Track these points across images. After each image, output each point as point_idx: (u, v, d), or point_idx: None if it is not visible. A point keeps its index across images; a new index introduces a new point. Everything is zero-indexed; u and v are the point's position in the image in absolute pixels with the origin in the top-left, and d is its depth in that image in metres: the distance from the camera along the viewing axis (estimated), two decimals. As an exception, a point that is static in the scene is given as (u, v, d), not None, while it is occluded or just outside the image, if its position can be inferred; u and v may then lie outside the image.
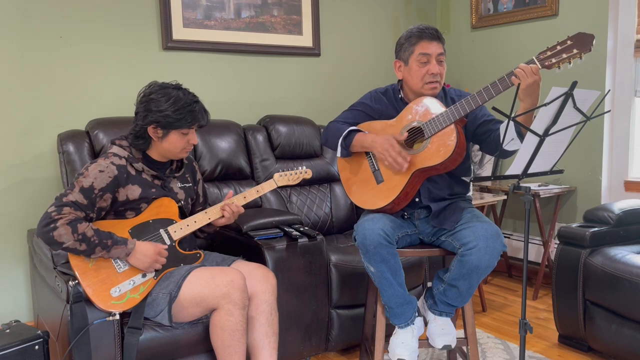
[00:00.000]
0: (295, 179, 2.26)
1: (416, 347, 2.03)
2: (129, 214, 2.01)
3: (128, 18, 2.94)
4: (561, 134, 1.74)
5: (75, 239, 1.82)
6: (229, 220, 2.16)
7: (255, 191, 2.19)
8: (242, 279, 1.96)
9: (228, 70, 3.28)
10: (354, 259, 2.53)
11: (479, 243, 1.88)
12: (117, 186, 1.95)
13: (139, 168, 2.02)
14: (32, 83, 2.71)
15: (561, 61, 1.78)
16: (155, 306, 1.96)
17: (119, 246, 1.89)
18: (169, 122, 1.97)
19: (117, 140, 2.07)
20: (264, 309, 2.05)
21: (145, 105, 1.99)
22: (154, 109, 1.96)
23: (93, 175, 1.92)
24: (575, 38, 1.77)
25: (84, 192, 1.89)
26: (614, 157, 3.32)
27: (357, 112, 2.20)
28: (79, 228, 1.83)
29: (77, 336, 1.85)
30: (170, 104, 1.96)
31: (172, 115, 1.96)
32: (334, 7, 3.67)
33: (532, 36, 3.59)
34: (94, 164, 1.96)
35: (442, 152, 1.94)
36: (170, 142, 2.02)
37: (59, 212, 1.83)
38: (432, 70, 2.03)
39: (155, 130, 1.99)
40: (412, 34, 2.08)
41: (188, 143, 2.05)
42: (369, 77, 3.83)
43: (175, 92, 1.99)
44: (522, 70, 1.78)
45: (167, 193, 2.08)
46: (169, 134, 2.00)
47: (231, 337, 1.93)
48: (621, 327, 2.35)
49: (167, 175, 2.11)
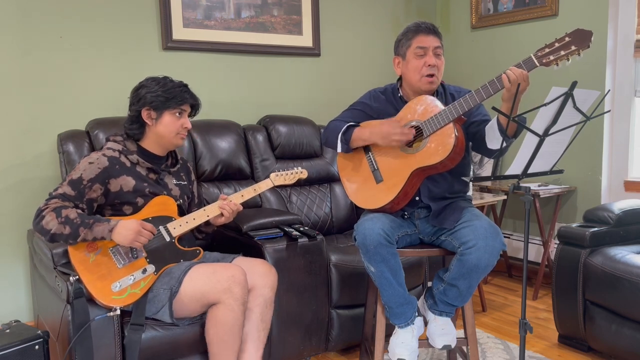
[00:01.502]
0: (291, 178, 2.29)
1: (416, 347, 2.03)
2: (127, 209, 2.03)
3: (128, 18, 2.94)
4: (561, 134, 1.74)
5: (59, 222, 1.86)
6: (228, 219, 2.17)
7: (252, 190, 2.22)
8: (242, 275, 1.97)
9: (228, 70, 3.28)
10: (354, 259, 2.53)
11: (478, 242, 1.88)
12: (107, 177, 1.99)
13: (134, 160, 2.05)
14: (32, 83, 2.71)
15: (559, 58, 1.77)
16: (157, 302, 1.96)
17: (101, 223, 1.90)
18: (161, 102, 2.04)
19: (111, 136, 2.13)
20: (259, 302, 2.06)
21: (137, 92, 2.08)
22: (145, 92, 2.05)
23: (82, 168, 1.98)
24: (573, 35, 1.76)
25: (72, 184, 1.94)
26: (614, 157, 3.32)
27: (356, 112, 2.20)
28: (63, 212, 1.88)
29: (78, 332, 1.85)
30: (160, 86, 2.06)
31: (162, 94, 2.04)
32: (334, 8, 3.67)
33: (532, 36, 3.59)
34: (86, 157, 2.04)
35: (440, 150, 1.94)
36: (164, 124, 2.06)
37: (46, 204, 1.91)
38: (429, 62, 2.04)
39: (148, 113, 2.05)
40: (409, 29, 2.11)
41: (182, 127, 2.09)
42: (369, 77, 3.83)
43: (164, 80, 2.09)
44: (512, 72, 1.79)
45: (161, 188, 2.10)
46: (162, 115, 2.06)
47: (229, 332, 1.94)
48: (621, 327, 2.35)
49: (162, 169, 2.14)
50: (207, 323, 1.97)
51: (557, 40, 1.78)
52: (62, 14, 2.76)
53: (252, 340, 2.05)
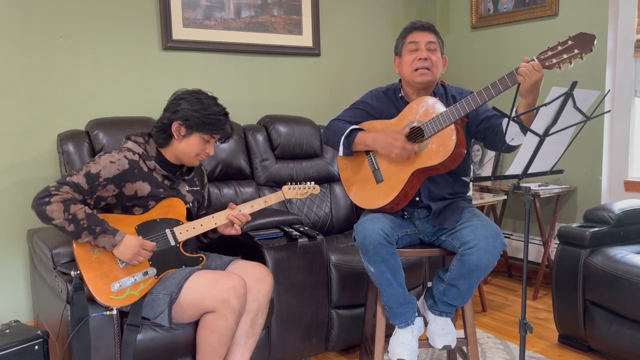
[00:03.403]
0: (303, 193, 2.24)
1: (416, 347, 2.03)
2: (137, 210, 2.02)
3: (128, 18, 2.93)
4: (561, 134, 1.74)
5: (65, 218, 1.84)
6: (238, 231, 2.15)
7: (262, 201, 2.18)
8: (243, 287, 1.95)
9: (228, 70, 3.27)
10: (354, 259, 2.53)
11: (479, 242, 1.88)
12: (124, 180, 1.96)
13: (151, 166, 2.03)
14: (32, 83, 2.71)
15: (562, 61, 1.77)
16: (156, 307, 1.96)
17: (106, 235, 1.89)
18: (196, 123, 1.99)
19: (132, 135, 2.08)
20: (252, 308, 2.05)
21: (177, 102, 2.02)
22: (186, 106, 1.99)
23: (103, 164, 1.94)
24: (576, 38, 1.76)
25: (87, 177, 1.91)
26: (614, 157, 3.32)
27: (358, 111, 2.20)
28: (72, 208, 1.85)
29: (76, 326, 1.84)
30: (202, 107, 2.00)
31: (200, 117, 1.99)
32: (334, 7, 3.67)
33: (532, 36, 3.58)
34: (108, 154, 1.98)
35: (441, 152, 1.94)
36: (189, 144, 2.02)
37: (57, 189, 1.86)
38: (420, 56, 2.05)
39: (179, 128, 2.00)
40: (405, 28, 2.15)
41: (204, 151, 2.05)
42: (369, 77, 3.83)
43: (208, 101, 2.03)
44: (525, 69, 1.78)
45: (175, 194, 2.09)
46: (192, 135, 2.01)
47: (218, 340, 1.94)
48: (621, 327, 2.35)
49: (177, 177, 2.12)
50: (199, 326, 1.97)
51: (560, 43, 1.78)
52: (62, 14, 2.76)
53: (240, 345, 2.04)
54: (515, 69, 1.81)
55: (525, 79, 1.77)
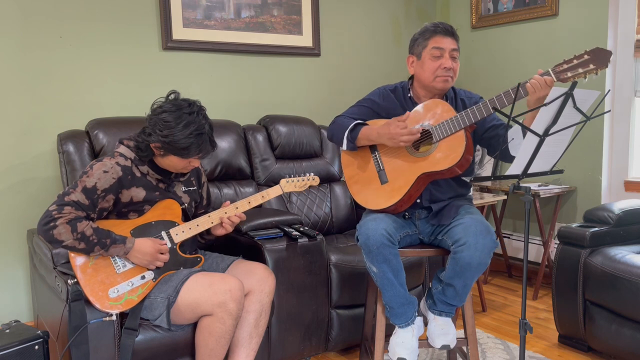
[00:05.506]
0: (302, 185, 2.20)
1: (416, 346, 2.03)
2: (132, 215, 2.01)
3: (128, 18, 2.94)
4: (561, 134, 1.74)
5: (75, 238, 1.82)
6: (227, 231, 2.14)
7: (260, 196, 2.15)
8: (240, 290, 1.95)
9: (228, 70, 3.28)
10: (354, 259, 2.53)
11: (468, 239, 1.88)
12: (120, 187, 1.95)
13: (144, 171, 2.01)
14: (32, 83, 2.71)
15: (577, 75, 1.75)
16: (154, 310, 1.96)
17: (117, 245, 1.89)
18: (171, 149, 1.93)
19: (125, 140, 2.04)
20: (255, 308, 2.05)
21: (153, 125, 1.94)
22: (160, 132, 1.91)
23: (97, 176, 1.91)
24: (592, 53, 1.74)
25: (86, 193, 1.88)
26: (614, 157, 3.32)
27: (363, 109, 2.17)
28: (79, 227, 1.83)
29: (74, 334, 1.85)
30: (170, 133, 1.90)
31: (170, 143, 1.91)
32: (334, 7, 3.67)
33: (532, 36, 3.58)
34: (99, 162, 1.95)
35: (450, 157, 1.93)
36: (170, 161, 1.99)
37: (60, 212, 1.83)
38: (445, 65, 2.01)
39: (157, 149, 1.96)
40: (426, 29, 2.07)
41: (189, 164, 2.02)
42: (369, 77, 3.83)
43: (179, 121, 1.91)
44: (537, 82, 1.78)
45: (170, 196, 2.07)
46: (169, 155, 1.97)
47: (216, 343, 1.94)
48: (621, 327, 2.35)
49: (171, 179, 2.10)
50: (197, 329, 1.97)
51: (575, 57, 1.76)
52: (62, 14, 2.76)
53: (244, 346, 2.04)
54: (529, 80, 1.80)
55: (535, 91, 1.77)
